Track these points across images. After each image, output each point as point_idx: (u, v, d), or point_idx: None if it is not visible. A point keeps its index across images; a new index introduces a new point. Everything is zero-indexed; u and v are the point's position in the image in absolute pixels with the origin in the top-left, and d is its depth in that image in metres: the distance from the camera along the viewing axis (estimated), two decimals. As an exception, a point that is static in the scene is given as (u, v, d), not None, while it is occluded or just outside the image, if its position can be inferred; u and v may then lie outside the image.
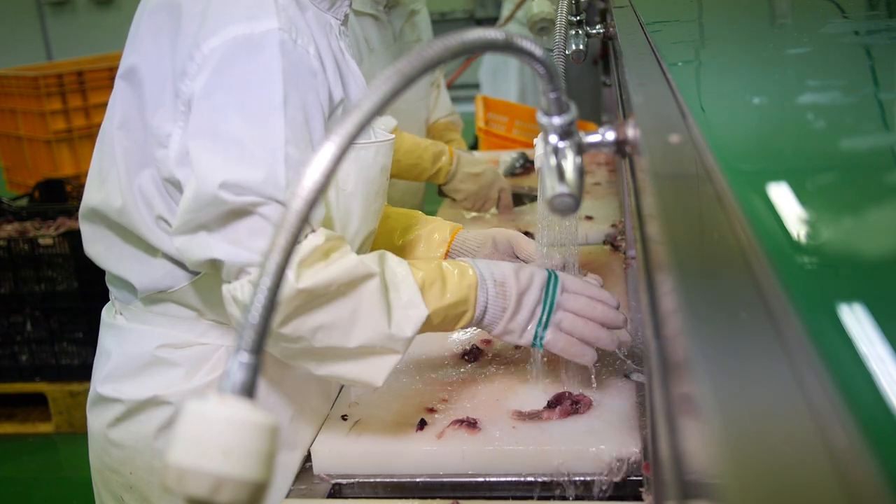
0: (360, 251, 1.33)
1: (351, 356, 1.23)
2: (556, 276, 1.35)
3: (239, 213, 1.16)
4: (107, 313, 1.45)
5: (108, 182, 1.31)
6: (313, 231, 1.19)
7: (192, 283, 1.31)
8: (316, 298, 1.16)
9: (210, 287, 1.30)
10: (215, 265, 1.20)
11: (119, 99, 1.29)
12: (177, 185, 1.22)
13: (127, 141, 1.27)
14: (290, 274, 1.13)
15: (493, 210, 2.41)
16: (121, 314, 1.41)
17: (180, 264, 1.31)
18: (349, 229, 1.32)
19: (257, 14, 1.19)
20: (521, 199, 2.51)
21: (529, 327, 1.33)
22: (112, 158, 1.30)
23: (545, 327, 1.33)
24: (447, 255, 1.59)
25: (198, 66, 1.17)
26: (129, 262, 1.35)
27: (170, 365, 1.34)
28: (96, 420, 1.41)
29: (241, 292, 1.16)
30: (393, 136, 1.38)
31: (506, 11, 4.82)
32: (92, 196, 1.34)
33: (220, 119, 1.16)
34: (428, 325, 1.25)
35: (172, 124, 1.21)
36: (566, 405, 1.38)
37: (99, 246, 1.38)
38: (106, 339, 1.42)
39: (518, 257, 1.58)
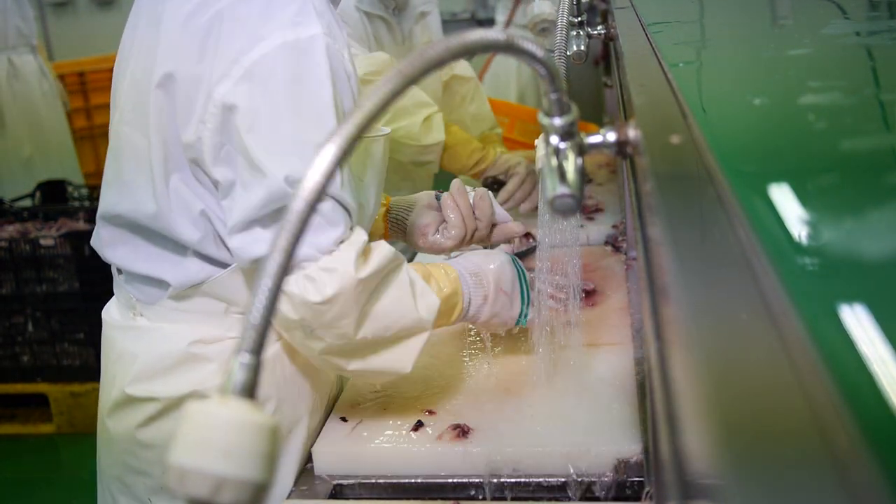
0: None
1: (385, 344, 1.29)
2: (513, 257, 1.50)
3: (281, 212, 1.17)
4: (120, 316, 1.44)
5: (136, 188, 1.32)
6: (353, 226, 1.27)
7: (227, 273, 1.32)
8: (368, 285, 1.24)
9: (245, 278, 1.32)
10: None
11: (154, 107, 1.28)
12: (214, 184, 1.27)
13: (163, 148, 1.28)
14: (350, 264, 1.21)
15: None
16: (141, 315, 1.40)
17: (211, 259, 1.33)
18: (365, 218, 1.39)
19: (302, 21, 1.23)
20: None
21: (514, 311, 1.46)
22: (136, 164, 1.31)
23: (528, 304, 1.47)
24: (386, 215, 1.70)
25: (245, 70, 1.21)
26: (160, 261, 1.35)
27: (203, 360, 1.35)
28: (121, 423, 1.39)
29: (296, 286, 1.21)
30: (388, 129, 1.48)
31: (500, 17, 4.83)
32: (116, 202, 1.35)
33: (277, 121, 1.21)
34: (437, 309, 1.34)
35: (203, 127, 1.24)
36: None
37: (123, 249, 1.38)
38: (127, 341, 1.40)
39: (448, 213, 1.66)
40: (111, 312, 1.47)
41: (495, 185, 2.38)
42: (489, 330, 1.54)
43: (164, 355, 1.36)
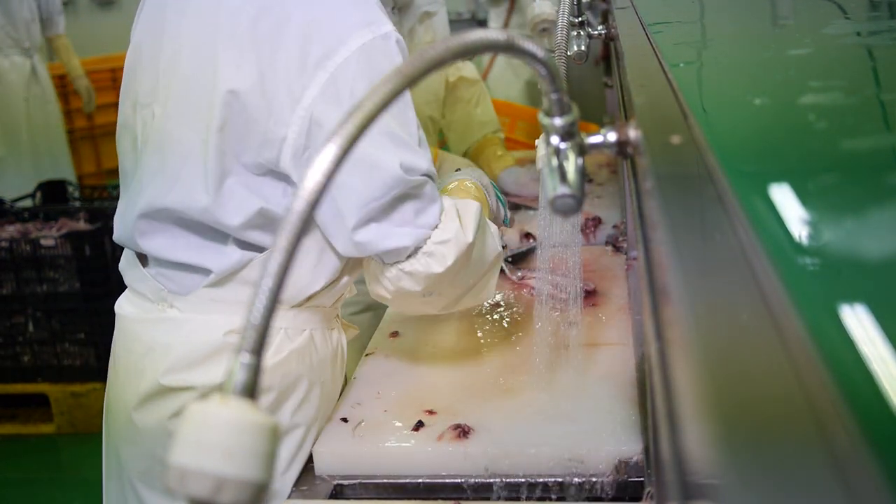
0: None
1: (482, 282, 1.45)
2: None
3: (400, 197, 1.29)
4: (141, 310, 1.44)
5: (185, 182, 1.33)
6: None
7: (265, 255, 1.34)
8: (474, 246, 1.36)
9: None
10: (391, 254, 1.32)
11: (217, 119, 1.30)
12: (290, 184, 1.32)
13: (220, 151, 1.31)
14: (459, 231, 1.33)
15: None
16: (172, 307, 1.40)
17: (251, 245, 1.35)
18: None
19: (374, 20, 1.29)
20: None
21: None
22: (183, 159, 1.33)
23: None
24: None
25: (329, 74, 1.25)
26: (202, 250, 1.37)
27: None
28: (152, 415, 1.39)
29: (419, 264, 1.32)
30: None
31: (493, 23, 4.81)
32: (162, 195, 1.35)
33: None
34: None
35: (286, 128, 1.27)
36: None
37: (162, 238, 1.38)
38: (157, 333, 1.40)
39: None
40: (125, 308, 1.47)
41: None
42: None
43: (200, 345, 1.37)
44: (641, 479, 1.28)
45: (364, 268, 1.41)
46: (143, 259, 1.45)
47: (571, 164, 0.80)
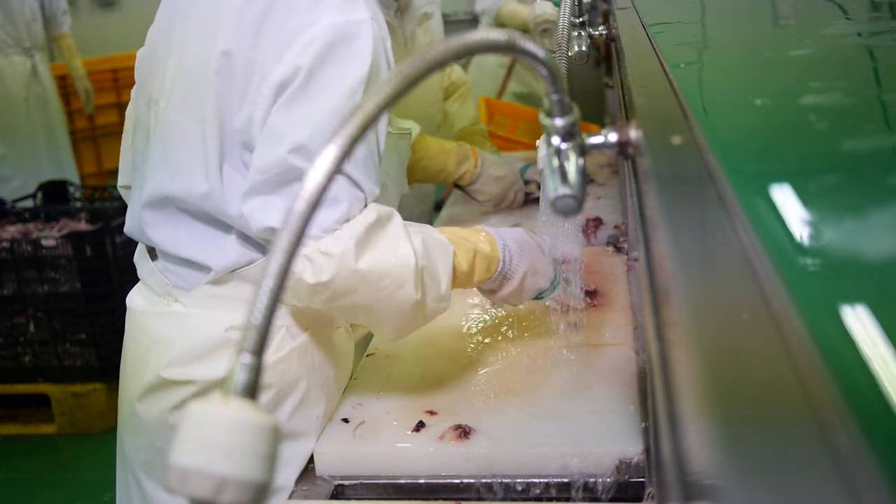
0: None
1: (372, 326, 1.43)
2: (555, 286, 1.55)
3: (290, 182, 1.25)
4: (150, 303, 1.46)
5: (186, 169, 1.36)
6: (366, 206, 1.28)
7: (266, 260, 1.33)
8: (366, 281, 1.25)
9: None
10: (270, 234, 1.28)
11: (211, 93, 1.33)
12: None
13: (219, 133, 1.33)
14: (350, 251, 1.22)
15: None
16: (177, 301, 1.42)
17: (254, 244, 1.37)
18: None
19: (350, 7, 1.30)
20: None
21: (515, 302, 1.57)
22: (186, 147, 1.35)
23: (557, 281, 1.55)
24: None
25: (297, 52, 1.27)
26: (202, 245, 1.38)
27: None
28: (153, 407, 1.41)
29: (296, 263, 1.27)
30: (417, 126, 1.52)
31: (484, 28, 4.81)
32: (165, 184, 1.38)
33: (304, 95, 1.26)
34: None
35: (255, 107, 1.30)
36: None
37: (166, 230, 1.40)
38: (162, 327, 1.43)
39: None
40: (136, 300, 1.49)
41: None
42: (507, 300, 1.55)
43: (201, 340, 1.39)
44: (642, 479, 1.28)
45: None
46: (152, 253, 1.48)
47: (572, 165, 0.80)
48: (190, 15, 1.41)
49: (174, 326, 1.41)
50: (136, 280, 1.53)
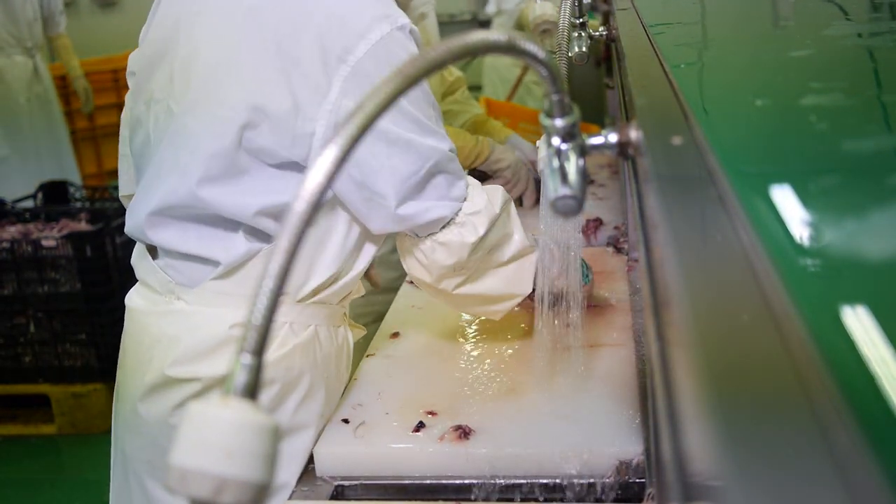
0: None
1: (503, 266, 1.49)
2: None
3: (433, 173, 1.37)
4: (151, 302, 1.45)
5: (192, 173, 1.35)
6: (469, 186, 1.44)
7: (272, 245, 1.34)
8: (501, 218, 1.45)
9: None
10: (431, 225, 1.40)
11: (244, 115, 1.32)
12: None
13: (246, 147, 1.33)
14: (487, 202, 1.42)
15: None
16: (180, 299, 1.42)
17: (258, 236, 1.37)
18: None
19: (389, 13, 1.33)
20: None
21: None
22: (194, 154, 1.35)
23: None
24: None
25: (352, 68, 1.29)
26: (211, 241, 1.38)
27: None
28: (156, 406, 1.41)
29: (452, 234, 1.40)
30: None
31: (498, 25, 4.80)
32: (175, 191, 1.37)
33: (397, 109, 1.29)
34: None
35: (314, 123, 1.30)
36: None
37: (172, 230, 1.40)
38: (165, 325, 1.42)
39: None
40: (135, 301, 1.49)
41: (481, 177, 2.43)
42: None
43: (205, 338, 1.38)
44: (642, 480, 1.28)
45: (398, 244, 1.48)
46: (153, 251, 1.47)
47: (572, 166, 0.80)
48: (199, 15, 1.38)
49: (178, 324, 1.41)
50: (136, 281, 1.52)
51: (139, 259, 1.50)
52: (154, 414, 1.42)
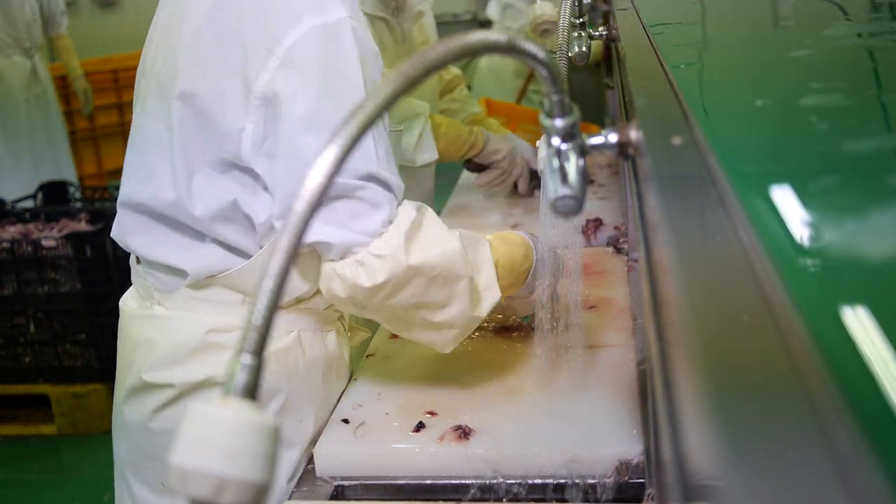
0: None
1: (432, 327, 1.35)
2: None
3: (337, 196, 1.24)
4: (137, 306, 1.46)
5: (157, 177, 1.34)
6: (399, 203, 1.29)
7: (247, 266, 1.34)
8: (421, 273, 1.26)
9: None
10: (319, 247, 1.27)
11: (175, 115, 1.31)
12: (254, 176, 1.29)
13: (185, 148, 1.31)
14: (400, 250, 1.24)
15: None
16: (160, 304, 1.42)
17: (233, 250, 1.34)
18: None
19: (324, 4, 1.26)
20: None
21: (530, 305, 1.54)
22: (161, 156, 1.34)
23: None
24: None
25: (279, 59, 1.24)
26: (179, 249, 1.37)
27: (219, 348, 1.36)
28: (136, 410, 1.41)
29: (348, 270, 1.25)
30: (401, 127, 1.47)
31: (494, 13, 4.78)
32: (139, 191, 1.37)
33: (313, 105, 1.23)
34: (497, 303, 1.40)
35: (244, 119, 1.26)
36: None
37: (142, 237, 1.39)
38: (144, 329, 1.42)
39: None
40: (128, 302, 1.49)
41: (477, 169, 2.49)
42: (511, 310, 1.59)
43: (181, 343, 1.38)
44: (642, 480, 1.28)
45: None
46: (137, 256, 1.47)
47: (572, 166, 0.80)
48: (160, 18, 1.39)
49: (156, 329, 1.41)
50: None
51: (132, 262, 1.50)
52: (135, 417, 1.42)
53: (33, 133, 5.17)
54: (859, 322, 0.36)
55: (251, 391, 0.55)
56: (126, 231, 1.41)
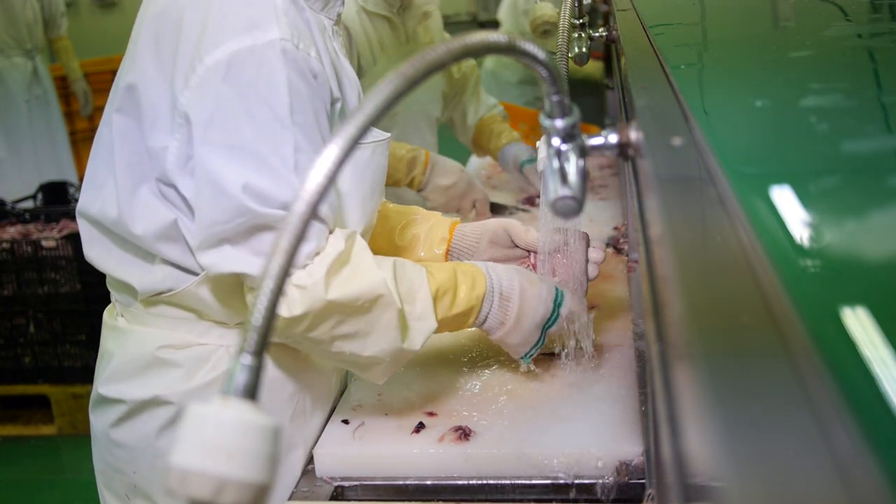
0: None
1: (359, 362, 1.31)
2: (558, 309, 1.43)
3: (261, 226, 1.19)
4: (108, 315, 1.45)
5: (105, 191, 1.32)
6: (331, 232, 1.23)
7: (193, 285, 1.31)
8: (341, 308, 1.22)
9: (212, 289, 1.30)
10: (242, 277, 1.23)
11: (118, 113, 1.29)
12: (182, 197, 1.25)
13: (127, 154, 1.28)
14: (320, 283, 1.19)
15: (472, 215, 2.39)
16: (122, 316, 1.41)
17: (180, 268, 1.31)
18: (363, 226, 1.35)
19: (259, 23, 1.19)
20: (502, 209, 2.48)
21: (522, 349, 1.44)
22: (109, 168, 1.31)
23: (537, 347, 1.45)
24: (447, 253, 1.62)
25: (200, 78, 1.19)
26: (128, 265, 1.35)
27: (171, 365, 1.35)
28: (99, 421, 1.41)
29: None
30: (388, 134, 1.39)
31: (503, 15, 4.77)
32: (90, 203, 1.35)
33: (233, 131, 1.18)
34: (433, 333, 1.32)
35: (169, 136, 1.22)
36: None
37: (98, 249, 1.38)
38: (108, 340, 1.42)
39: (517, 246, 1.62)
40: (106, 310, 1.49)
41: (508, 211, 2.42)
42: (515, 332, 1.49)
43: (134, 358, 1.37)
44: (642, 480, 1.28)
45: None
46: None
47: (572, 166, 0.80)
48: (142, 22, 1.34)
49: (115, 341, 1.40)
50: None
51: None
52: (98, 428, 1.42)
53: (34, 134, 5.17)
54: (859, 322, 0.36)
55: (251, 391, 0.55)
56: (85, 241, 1.39)
